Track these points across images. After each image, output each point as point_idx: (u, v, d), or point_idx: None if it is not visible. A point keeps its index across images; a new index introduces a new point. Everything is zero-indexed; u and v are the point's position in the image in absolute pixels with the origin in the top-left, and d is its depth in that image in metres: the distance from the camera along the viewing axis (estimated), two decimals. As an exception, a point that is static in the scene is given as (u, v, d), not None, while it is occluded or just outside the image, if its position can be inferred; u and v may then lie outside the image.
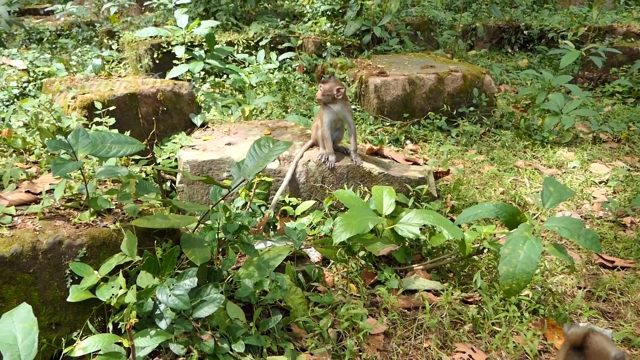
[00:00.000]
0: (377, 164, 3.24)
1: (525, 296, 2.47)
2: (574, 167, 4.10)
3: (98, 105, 3.30)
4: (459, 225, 2.69)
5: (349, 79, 5.34)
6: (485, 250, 2.66)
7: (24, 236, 1.87)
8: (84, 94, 3.48)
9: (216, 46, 5.50)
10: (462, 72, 5.01)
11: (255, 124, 3.85)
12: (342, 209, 3.15)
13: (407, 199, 3.08)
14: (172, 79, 4.85)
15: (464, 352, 2.14)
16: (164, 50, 5.93)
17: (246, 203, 3.00)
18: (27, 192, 2.18)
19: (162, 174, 3.31)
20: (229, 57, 6.06)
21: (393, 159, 3.42)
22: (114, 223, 2.06)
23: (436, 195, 3.26)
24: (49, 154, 2.60)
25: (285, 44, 6.60)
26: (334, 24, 6.91)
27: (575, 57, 5.70)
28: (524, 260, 2.05)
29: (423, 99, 4.96)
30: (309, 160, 3.16)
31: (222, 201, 2.20)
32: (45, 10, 9.36)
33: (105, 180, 2.45)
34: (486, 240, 2.58)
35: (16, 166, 2.44)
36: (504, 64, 7.75)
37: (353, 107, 5.04)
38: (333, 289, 2.50)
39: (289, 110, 5.04)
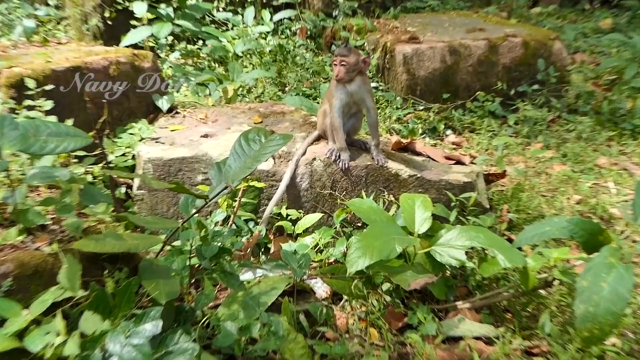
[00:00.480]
0: (406, 163, 3.25)
1: (611, 346, 2.45)
2: (677, 167, 4.14)
3: (30, 83, 3.25)
4: (520, 248, 2.69)
5: (368, 46, 5.36)
6: (556, 283, 2.66)
7: None
8: (10, 67, 3.43)
9: (189, 2, 5.55)
10: (522, 38, 5.04)
11: (242, 108, 3.86)
12: (360, 225, 3.18)
13: (448, 212, 3.09)
14: (129, 46, 4.85)
15: None
16: (119, 6, 5.86)
17: (229, 217, 3.02)
18: None
19: (115, 177, 3.31)
20: (207, 17, 6.09)
21: (429, 157, 3.42)
22: (50, 245, 2.03)
23: (488, 206, 3.26)
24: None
25: (283, 0, 6.61)
26: (348, -29, 6.99)
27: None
28: (610, 296, 2.03)
29: (469, 74, 5.03)
30: (314, 159, 3.17)
31: (197, 215, 2.18)
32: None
33: (39, 186, 2.44)
34: (557, 269, 2.58)
35: None
36: (580, 26, 7.70)
37: (374, 85, 5.06)
38: (347, 335, 2.50)
39: (286, 89, 5.08)
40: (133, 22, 5.29)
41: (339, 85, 3.08)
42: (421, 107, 4.93)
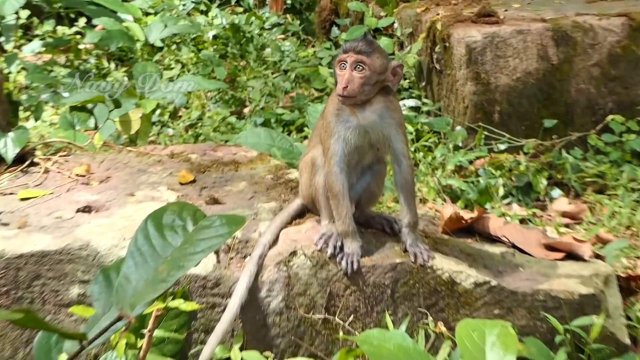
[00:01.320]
0: (471, 259, 2.89)
1: None
2: None
3: None
4: None
5: (401, 29, 4.84)
6: None
7: None
8: None
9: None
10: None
11: (158, 153, 3.52)
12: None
13: (551, 355, 2.62)
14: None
15: None
16: None
17: (129, 367, 2.70)
18: None
19: None
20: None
21: (513, 245, 3.04)
22: None
23: (627, 342, 2.82)
24: None
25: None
26: None
27: None
28: None
29: (593, 82, 4.33)
30: (294, 253, 2.76)
31: (69, 366, 1.94)
32: None
33: None
34: None
35: None
36: None
37: (411, 103, 4.55)
38: None
39: (245, 110, 4.70)
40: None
41: (342, 111, 2.64)
42: (502, 146, 4.19)
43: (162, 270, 1.58)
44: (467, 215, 3.09)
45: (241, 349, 2.68)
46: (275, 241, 2.77)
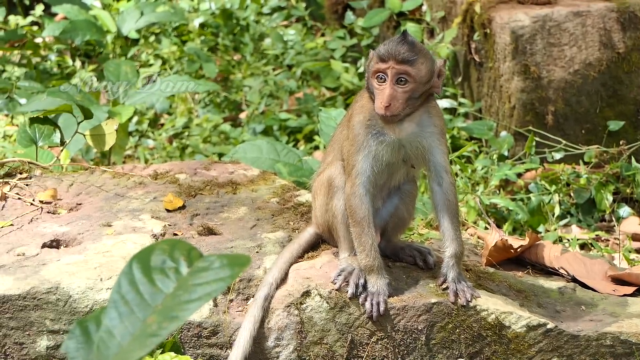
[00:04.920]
0: (522, 297, 2.74)
1: None
2: None
3: None
4: None
5: (432, 14, 4.68)
6: None
7: None
8: None
9: None
10: None
11: (139, 173, 3.35)
12: None
13: None
14: None
15: None
16: None
17: None
18: None
19: None
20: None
21: (573, 278, 2.86)
22: None
23: None
24: None
25: None
26: None
27: None
28: None
29: None
30: (308, 294, 2.64)
31: None
32: None
33: None
34: None
35: None
36: None
37: (444, 104, 4.43)
38: None
39: (242, 116, 4.52)
40: None
41: (374, 121, 2.52)
42: (558, 155, 4.01)
43: (151, 321, 1.27)
44: (516, 242, 2.90)
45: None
46: (284, 279, 2.60)
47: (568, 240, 3.56)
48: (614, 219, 3.83)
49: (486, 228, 3.62)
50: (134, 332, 1.24)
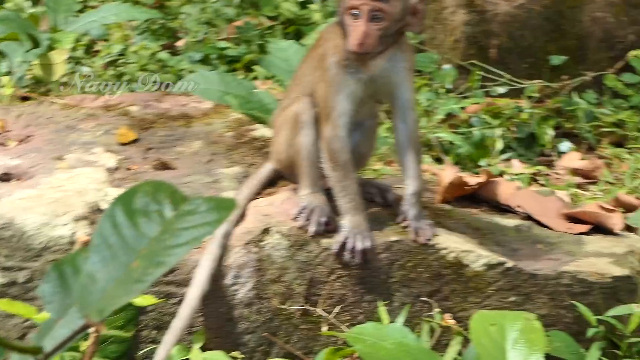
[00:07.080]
0: (481, 235, 2.77)
1: None
2: None
3: None
4: None
5: None
6: None
7: None
8: None
9: None
10: None
11: (89, 105, 3.34)
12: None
13: (581, 352, 2.57)
14: None
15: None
16: None
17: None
18: None
19: None
20: None
21: (528, 216, 2.87)
22: None
23: None
24: None
25: None
26: None
27: None
28: None
29: (608, 8, 4.22)
30: (267, 231, 2.68)
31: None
32: None
33: None
34: None
35: None
36: None
37: None
38: None
39: (179, 44, 4.83)
40: None
41: (350, 60, 2.52)
42: (501, 89, 4.09)
43: (136, 267, 1.36)
44: (472, 179, 2.90)
45: (203, 348, 2.58)
46: (242, 216, 2.63)
47: (509, 173, 3.59)
48: (554, 153, 3.89)
49: (437, 162, 3.64)
50: (117, 278, 1.29)
